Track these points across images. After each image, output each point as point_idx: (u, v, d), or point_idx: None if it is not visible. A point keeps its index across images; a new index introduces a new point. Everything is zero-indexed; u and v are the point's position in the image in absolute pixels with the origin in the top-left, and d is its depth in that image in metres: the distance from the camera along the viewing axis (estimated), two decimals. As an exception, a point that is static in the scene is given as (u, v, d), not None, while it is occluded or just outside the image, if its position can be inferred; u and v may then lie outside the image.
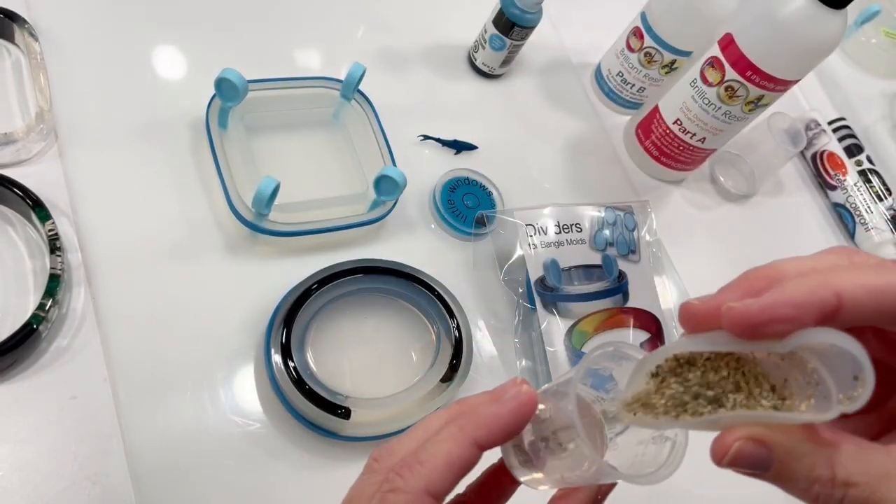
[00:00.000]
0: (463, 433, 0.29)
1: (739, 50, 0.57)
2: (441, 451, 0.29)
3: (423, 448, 0.29)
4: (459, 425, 0.29)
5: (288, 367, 0.47)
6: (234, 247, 0.54)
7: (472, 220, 0.60)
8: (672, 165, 0.70)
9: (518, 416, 0.29)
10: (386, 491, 0.28)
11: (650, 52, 0.68)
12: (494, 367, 0.56)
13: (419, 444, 0.29)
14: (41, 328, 0.44)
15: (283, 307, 0.50)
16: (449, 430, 0.29)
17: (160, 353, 0.48)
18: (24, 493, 0.42)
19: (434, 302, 0.53)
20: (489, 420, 0.29)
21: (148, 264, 0.51)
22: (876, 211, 0.76)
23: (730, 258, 0.71)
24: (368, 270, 0.53)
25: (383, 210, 0.56)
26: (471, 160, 0.65)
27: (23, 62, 0.55)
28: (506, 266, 0.58)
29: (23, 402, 0.44)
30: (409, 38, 0.70)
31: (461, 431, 0.29)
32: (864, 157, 0.80)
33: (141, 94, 0.57)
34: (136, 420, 0.46)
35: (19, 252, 0.49)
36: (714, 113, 0.62)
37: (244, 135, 0.56)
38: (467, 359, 0.52)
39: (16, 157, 0.50)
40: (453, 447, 0.29)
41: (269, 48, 0.64)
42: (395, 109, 0.62)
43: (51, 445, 0.43)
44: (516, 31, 0.65)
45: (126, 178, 0.53)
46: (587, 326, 0.56)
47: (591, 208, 0.60)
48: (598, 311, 0.57)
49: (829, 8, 0.54)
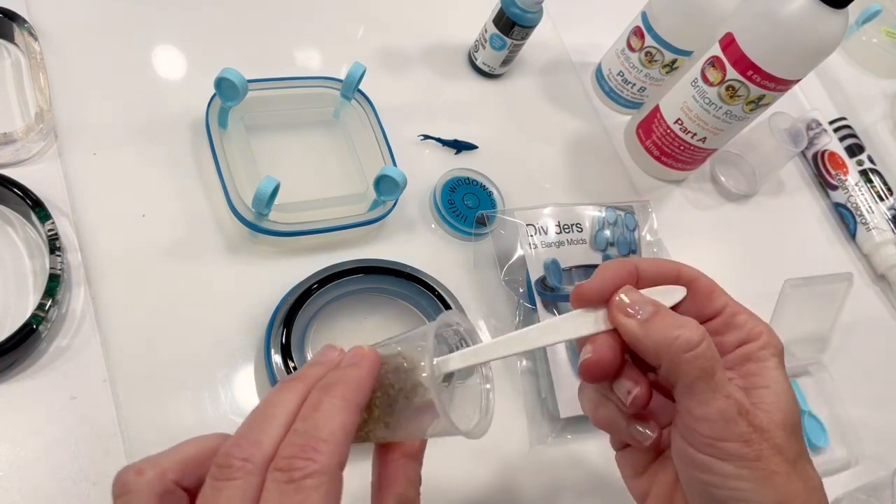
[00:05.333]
0: (346, 402, 0.30)
1: (740, 49, 0.57)
2: (337, 423, 0.29)
3: (315, 426, 0.29)
4: (340, 395, 0.30)
5: (288, 367, 0.47)
6: (234, 247, 0.54)
7: (473, 220, 0.60)
8: (673, 165, 0.69)
9: (374, 376, 0.32)
10: (299, 479, 0.27)
11: (651, 52, 0.68)
12: (495, 366, 0.56)
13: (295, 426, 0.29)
14: (41, 328, 0.44)
15: (283, 307, 0.50)
16: (332, 402, 0.30)
17: (160, 353, 0.48)
18: (24, 493, 0.42)
19: (434, 302, 0.53)
20: (360, 383, 0.31)
21: (148, 264, 0.51)
22: (877, 211, 0.76)
23: (730, 258, 0.71)
24: (368, 270, 0.53)
25: (383, 210, 0.56)
26: (471, 160, 0.65)
27: (23, 62, 0.55)
28: (506, 266, 0.58)
29: (23, 402, 0.44)
30: (410, 38, 0.70)
31: (344, 401, 0.30)
32: (865, 157, 0.80)
33: (141, 94, 0.57)
34: (136, 420, 0.46)
35: (19, 252, 0.49)
36: (715, 112, 0.62)
37: (244, 135, 0.56)
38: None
39: (16, 157, 0.50)
40: (346, 417, 0.30)
41: (269, 48, 0.64)
42: (395, 109, 0.62)
43: (51, 445, 0.43)
44: (517, 30, 0.65)
45: (126, 178, 0.53)
46: (588, 326, 0.56)
47: (592, 208, 0.60)
48: (598, 311, 0.57)
49: (830, 7, 0.54)
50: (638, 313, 0.35)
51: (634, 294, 0.36)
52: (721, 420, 0.33)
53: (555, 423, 0.54)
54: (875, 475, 0.61)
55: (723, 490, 0.33)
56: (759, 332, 0.36)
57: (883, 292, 0.76)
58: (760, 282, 0.67)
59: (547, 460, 0.54)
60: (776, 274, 0.64)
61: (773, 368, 0.35)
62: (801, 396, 0.64)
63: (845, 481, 0.62)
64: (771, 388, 0.35)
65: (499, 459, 0.53)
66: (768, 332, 0.36)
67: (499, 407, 0.54)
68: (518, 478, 0.53)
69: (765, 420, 0.34)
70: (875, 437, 0.64)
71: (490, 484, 0.52)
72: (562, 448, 0.55)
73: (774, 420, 0.34)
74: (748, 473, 0.33)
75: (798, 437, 0.35)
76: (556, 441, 0.54)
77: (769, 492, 0.33)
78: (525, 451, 0.54)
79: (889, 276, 0.75)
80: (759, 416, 0.34)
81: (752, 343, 0.36)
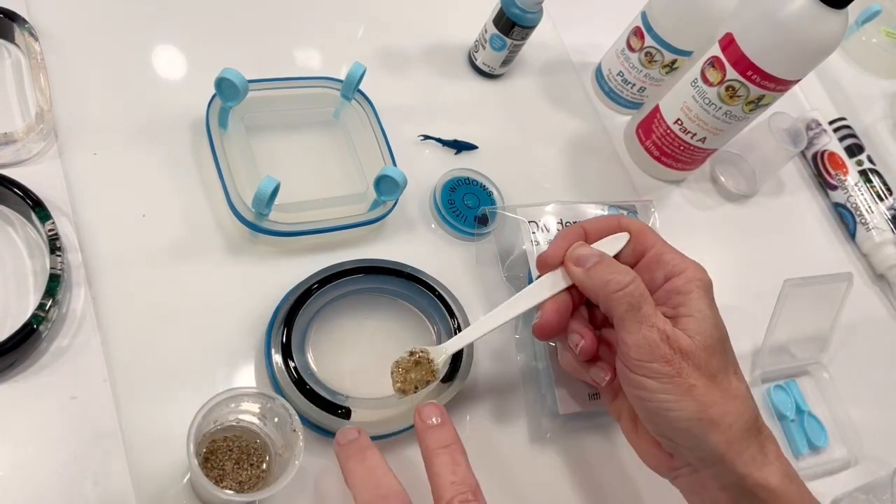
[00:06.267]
0: None
1: (740, 50, 0.57)
2: None
3: (468, 474, 0.41)
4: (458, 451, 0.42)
5: (288, 367, 0.47)
6: (234, 247, 0.54)
7: (472, 220, 0.60)
8: (673, 165, 0.69)
9: None
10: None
11: (651, 52, 0.68)
12: (495, 365, 0.56)
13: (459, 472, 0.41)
14: (41, 328, 0.44)
15: (284, 307, 0.50)
16: (461, 458, 0.42)
17: (160, 353, 0.48)
18: (24, 493, 0.42)
19: (435, 302, 0.53)
20: None
21: (148, 264, 0.51)
22: (877, 211, 0.76)
23: (730, 258, 0.71)
24: (369, 270, 0.53)
25: (383, 210, 0.56)
26: (471, 160, 0.65)
27: (23, 62, 0.55)
28: (508, 261, 0.58)
29: (23, 402, 0.44)
30: (410, 38, 0.70)
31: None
32: (864, 157, 0.80)
33: (141, 94, 0.57)
34: (136, 420, 0.46)
35: (19, 252, 0.49)
36: (715, 113, 0.62)
37: (244, 135, 0.56)
38: (468, 359, 0.52)
39: (16, 157, 0.50)
40: None
41: (269, 48, 0.64)
42: (395, 109, 0.62)
43: (51, 445, 0.43)
44: (517, 30, 0.65)
45: (126, 178, 0.53)
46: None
47: (595, 206, 0.60)
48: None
49: (830, 8, 0.54)
50: (585, 264, 0.45)
51: (583, 249, 0.46)
52: (646, 345, 0.41)
53: (554, 419, 0.54)
54: (875, 475, 0.61)
55: (653, 402, 0.41)
56: (683, 268, 0.44)
57: (882, 292, 0.76)
58: (760, 282, 0.67)
59: (546, 456, 0.54)
60: (776, 274, 0.64)
61: (696, 299, 0.43)
62: (801, 396, 0.64)
63: (845, 481, 0.62)
64: (694, 317, 0.42)
65: (498, 455, 0.53)
66: (693, 268, 0.44)
67: (498, 403, 0.55)
68: (517, 473, 0.53)
69: (685, 343, 0.41)
70: (875, 437, 0.64)
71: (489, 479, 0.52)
72: (560, 444, 0.55)
73: (695, 342, 0.41)
74: (670, 388, 0.41)
75: (720, 356, 0.42)
76: (554, 437, 0.54)
77: (688, 402, 0.40)
78: (524, 447, 0.54)
79: (889, 276, 0.75)
80: (680, 340, 0.41)
81: (677, 278, 0.44)
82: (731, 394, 0.42)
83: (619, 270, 0.43)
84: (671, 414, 0.41)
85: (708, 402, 0.41)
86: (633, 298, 0.42)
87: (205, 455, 0.43)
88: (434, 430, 0.43)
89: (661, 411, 0.41)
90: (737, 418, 0.41)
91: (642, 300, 0.42)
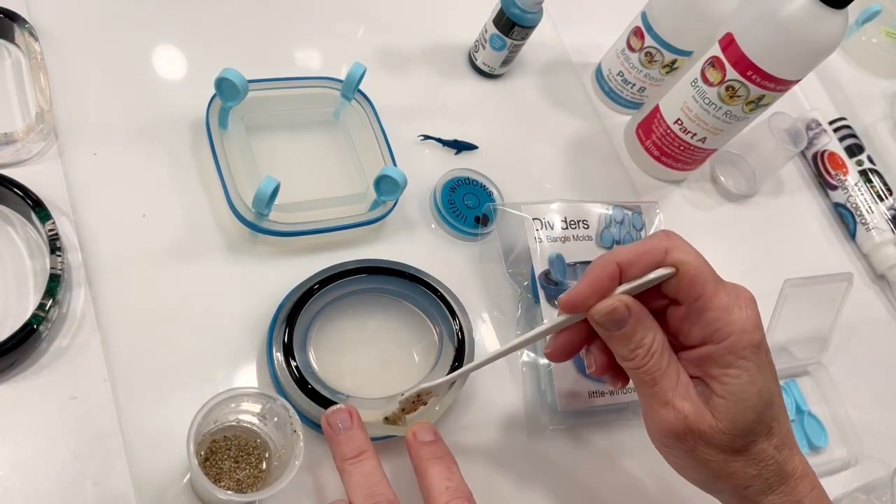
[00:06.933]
0: None
1: (740, 50, 0.57)
2: None
3: (462, 483, 0.41)
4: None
5: (290, 367, 0.47)
6: (234, 247, 0.54)
7: (473, 220, 0.60)
8: (673, 165, 0.69)
9: None
10: None
11: (651, 52, 0.68)
12: (496, 364, 0.56)
13: None
14: (41, 328, 0.44)
15: (286, 306, 0.50)
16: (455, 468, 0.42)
17: (161, 353, 0.48)
18: (24, 493, 0.42)
19: (436, 302, 0.53)
20: None
21: (148, 264, 0.51)
22: (877, 211, 0.76)
23: (730, 258, 0.71)
24: (371, 270, 0.53)
25: (384, 210, 0.56)
26: (471, 160, 0.65)
27: (23, 62, 0.55)
28: (511, 257, 0.58)
29: (23, 402, 0.44)
30: (410, 38, 0.70)
31: None
32: (864, 157, 0.80)
33: (141, 94, 0.57)
34: (136, 420, 0.46)
35: (19, 252, 0.48)
36: (715, 113, 0.62)
37: (244, 135, 0.56)
38: (470, 360, 0.52)
39: (16, 157, 0.50)
40: None
41: (269, 48, 0.64)
42: (395, 109, 0.62)
43: (51, 445, 0.43)
44: (517, 30, 0.65)
45: (126, 178, 0.53)
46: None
47: (599, 206, 0.60)
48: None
49: (830, 8, 0.54)
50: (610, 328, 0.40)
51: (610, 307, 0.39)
52: (660, 421, 0.39)
53: (553, 416, 0.54)
54: (875, 475, 0.61)
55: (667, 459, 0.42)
56: (727, 334, 0.38)
57: (882, 292, 0.76)
58: (760, 282, 0.67)
59: (544, 451, 0.54)
60: (776, 274, 0.64)
61: (735, 377, 0.38)
62: (801, 396, 0.64)
63: (845, 481, 0.62)
64: (726, 400, 0.38)
65: (497, 450, 0.53)
66: (739, 332, 0.38)
67: (498, 398, 0.55)
68: (516, 468, 0.53)
69: (705, 426, 0.38)
70: (875, 437, 0.64)
71: (488, 474, 0.52)
72: (559, 440, 0.55)
73: (720, 425, 0.38)
74: (683, 455, 0.40)
75: (750, 434, 0.39)
76: (553, 433, 0.55)
77: (702, 470, 0.40)
78: (523, 443, 0.54)
79: (889, 276, 0.75)
80: (701, 424, 0.38)
81: (717, 346, 0.39)
82: (754, 459, 0.40)
83: (640, 347, 0.39)
84: (685, 473, 0.42)
85: (725, 473, 0.40)
86: (646, 376, 0.39)
87: (205, 455, 0.43)
88: (427, 444, 0.43)
89: (676, 467, 0.42)
90: (755, 479, 0.40)
91: (659, 376, 0.39)
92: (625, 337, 0.39)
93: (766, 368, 0.39)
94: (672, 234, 0.41)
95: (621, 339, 0.39)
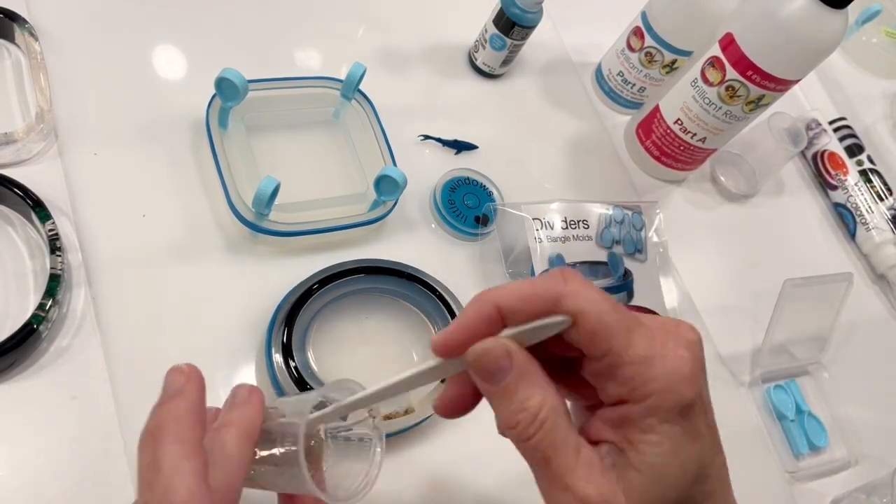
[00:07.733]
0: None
1: (740, 49, 0.57)
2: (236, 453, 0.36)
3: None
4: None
5: (289, 367, 0.47)
6: (234, 247, 0.54)
7: (472, 220, 0.60)
8: (673, 165, 0.69)
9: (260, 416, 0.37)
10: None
11: (651, 52, 0.68)
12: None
13: None
14: (41, 328, 0.44)
15: (285, 307, 0.50)
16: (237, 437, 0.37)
17: (160, 353, 0.48)
18: (24, 493, 0.42)
19: (435, 302, 0.53)
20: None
21: (148, 264, 0.51)
22: (877, 211, 0.76)
23: (730, 258, 0.71)
24: (370, 270, 0.53)
25: (384, 210, 0.56)
26: (471, 160, 0.65)
27: (23, 62, 0.55)
28: (511, 257, 0.58)
29: (23, 402, 0.44)
30: (410, 38, 0.70)
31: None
32: (864, 157, 0.80)
33: (141, 94, 0.57)
34: (136, 420, 0.45)
35: (19, 252, 0.49)
36: (715, 113, 0.62)
37: (244, 135, 0.56)
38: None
39: (16, 157, 0.50)
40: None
41: (269, 48, 0.64)
42: (395, 109, 0.62)
43: (51, 445, 0.43)
44: (517, 30, 0.65)
45: (126, 178, 0.53)
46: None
47: (599, 206, 0.60)
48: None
49: (830, 7, 0.54)
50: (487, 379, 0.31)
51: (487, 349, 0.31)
52: None
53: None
54: (875, 475, 0.61)
55: None
56: (645, 394, 0.30)
57: (882, 292, 0.76)
58: (760, 282, 0.67)
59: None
60: (776, 274, 0.64)
61: (652, 446, 0.30)
62: (801, 396, 0.64)
63: (845, 481, 0.62)
64: (640, 473, 0.30)
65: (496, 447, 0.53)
66: (660, 394, 0.30)
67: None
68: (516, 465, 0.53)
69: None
70: (875, 437, 0.64)
71: (487, 471, 0.52)
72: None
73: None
74: None
75: None
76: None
77: None
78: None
79: (889, 276, 0.75)
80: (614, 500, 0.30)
81: (634, 405, 0.31)
82: None
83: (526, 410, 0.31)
84: None
85: None
86: (538, 453, 0.31)
87: None
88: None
89: None
90: None
91: (552, 453, 0.31)
92: (506, 394, 0.31)
93: (697, 434, 0.31)
94: (570, 276, 0.32)
95: (502, 397, 0.31)
